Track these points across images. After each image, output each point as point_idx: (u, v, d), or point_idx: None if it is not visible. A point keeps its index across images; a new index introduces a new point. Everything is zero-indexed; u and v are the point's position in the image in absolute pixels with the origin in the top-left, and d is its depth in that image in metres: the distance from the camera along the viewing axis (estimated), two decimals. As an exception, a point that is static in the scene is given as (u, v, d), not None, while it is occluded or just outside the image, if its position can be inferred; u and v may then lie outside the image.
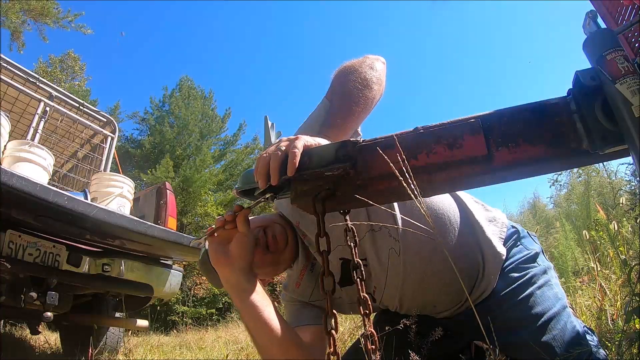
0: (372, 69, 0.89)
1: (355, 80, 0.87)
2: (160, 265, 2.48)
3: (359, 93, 0.85)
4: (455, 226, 0.95)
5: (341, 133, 0.80)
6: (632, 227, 1.57)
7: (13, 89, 2.93)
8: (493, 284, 0.94)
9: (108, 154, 3.54)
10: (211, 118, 15.27)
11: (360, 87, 0.86)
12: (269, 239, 0.98)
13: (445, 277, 0.93)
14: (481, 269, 0.94)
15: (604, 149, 0.50)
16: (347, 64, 0.93)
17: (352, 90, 0.85)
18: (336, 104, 0.87)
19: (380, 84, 0.89)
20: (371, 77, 0.88)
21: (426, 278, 0.94)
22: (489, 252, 0.95)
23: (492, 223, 1.02)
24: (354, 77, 0.88)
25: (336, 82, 0.92)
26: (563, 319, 0.88)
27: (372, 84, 0.87)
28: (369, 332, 0.58)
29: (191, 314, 8.87)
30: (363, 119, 0.88)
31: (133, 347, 3.11)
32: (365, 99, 0.85)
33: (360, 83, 0.86)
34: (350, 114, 0.83)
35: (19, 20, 8.18)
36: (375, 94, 0.88)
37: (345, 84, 0.88)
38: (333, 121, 0.82)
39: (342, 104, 0.85)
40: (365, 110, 0.86)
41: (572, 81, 0.55)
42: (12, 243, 1.77)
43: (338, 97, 0.88)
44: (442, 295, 0.96)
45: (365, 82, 0.87)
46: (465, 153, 0.55)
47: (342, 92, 0.87)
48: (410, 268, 0.93)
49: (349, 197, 0.61)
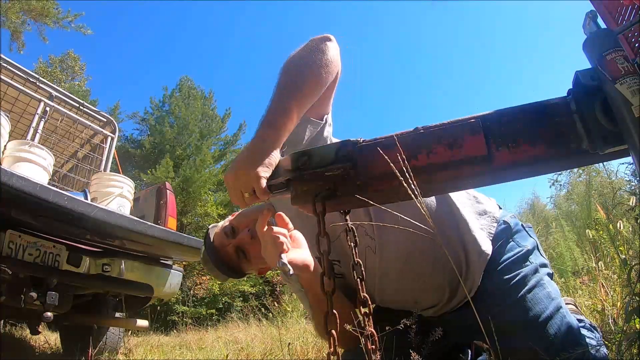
0: (322, 53, 0.84)
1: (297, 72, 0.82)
2: (160, 265, 2.48)
3: (301, 85, 0.80)
4: (435, 223, 0.93)
5: (282, 131, 0.74)
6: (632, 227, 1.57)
7: (13, 89, 2.93)
8: (478, 283, 0.92)
9: (108, 154, 3.53)
10: (211, 118, 15.27)
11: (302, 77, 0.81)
12: None
13: (424, 275, 0.92)
14: (464, 267, 0.92)
15: (604, 149, 0.50)
16: (291, 56, 0.87)
17: (290, 83, 0.80)
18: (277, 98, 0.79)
19: (328, 66, 0.84)
20: (318, 63, 0.83)
21: (404, 275, 0.93)
22: (473, 251, 0.92)
23: (482, 217, 0.99)
24: (296, 68, 0.83)
25: (281, 76, 0.84)
26: (557, 321, 0.86)
27: (319, 68, 0.82)
28: (369, 332, 0.58)
29: (191, 314, 8.87)
30: (308, 104, 0.82)
31: (133, 347, 3.11)
32: (311, 85, 0.81)
33: (302, 73, 0.82)
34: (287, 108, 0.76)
35: (19, 20, 8.18)
36: (322, 79, 0.83)
37: (285, 75, 0.82)
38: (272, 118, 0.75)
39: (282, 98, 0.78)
40: (310, 95, 0.81)
41: (572, 81, 0.55)
42: (12, 243, 1.77)
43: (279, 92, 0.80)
44: (422, 293, 0.95)
45: (310, 70, 0.82)
46: (465, 153, 0.55)
47: (282, 85, 0.81)
48: (387, 265, 0.93)
49: (349, 197, 0.61)
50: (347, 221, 0.65)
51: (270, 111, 0.75)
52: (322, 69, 0.82)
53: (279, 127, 0.72)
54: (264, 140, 0.70)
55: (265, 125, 0.72)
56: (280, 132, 0.71)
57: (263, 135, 0.71)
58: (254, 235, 1.00)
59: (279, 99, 0.77)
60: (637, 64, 0.50)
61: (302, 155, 0.63)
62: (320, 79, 0.82)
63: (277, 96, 0.77)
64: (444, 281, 0.92)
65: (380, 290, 0.97)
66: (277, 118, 0.73)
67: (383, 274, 0.94)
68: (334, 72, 0.86)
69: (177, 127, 14.00)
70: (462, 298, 0.93)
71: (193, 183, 12.25)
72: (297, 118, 0.77)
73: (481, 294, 0.91)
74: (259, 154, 0.68)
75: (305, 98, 0.79)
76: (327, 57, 0.84)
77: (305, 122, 0.90)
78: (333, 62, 0.85)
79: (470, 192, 1.06)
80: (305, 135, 0.92)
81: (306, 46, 0.87)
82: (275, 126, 0.72)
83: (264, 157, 0.67)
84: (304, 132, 0.91)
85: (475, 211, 1.00)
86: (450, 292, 0.94)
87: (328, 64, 0.84)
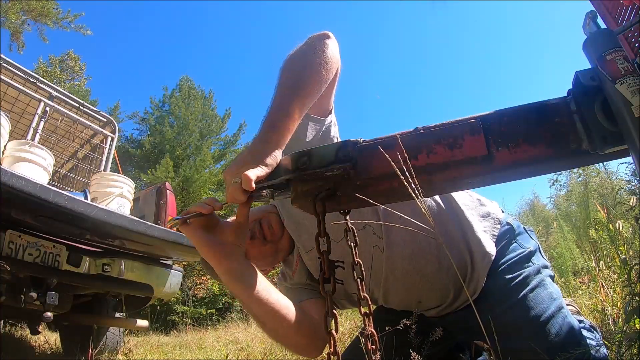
0: (321, 51, 0.83)
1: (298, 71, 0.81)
2: (160, 265, 2.48)
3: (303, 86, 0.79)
4: (440, 224, 0.93)
5: (284, 132, 0.73)
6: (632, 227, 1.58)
7: (13, 89, 2.93)
8: (482, 284, 0.92)
9: (108, 154, 3.53)
10: (211, 118, 15.28)
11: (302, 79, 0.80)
12: (265, 229, 1.00)
13: (429, 275, 0.92)
14: (469, 269, 0.92)
15: (604, 149, 0.50)
16: (291, 54, 0.86)
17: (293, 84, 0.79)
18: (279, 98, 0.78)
19: (327, 64, 0.83)
20: (319, 61, 0.82)
21: (410, 275, 0.93)
22: (477, 252, 0.93)
23: (486, 219, 1.00)
24: (296, 67, 0.82)
25: (281, 75, 0.83)
26: (559, 321, 0.86)
27: (319, 67, 0.82)
28: (369, 332, 0.58)
29: (191, 314, 8.88)
30: (309, 104, 0.81)
31: (133, 347, 3.11)
32: (312, 85, 0.80)
33: (303, 73, 0.80)
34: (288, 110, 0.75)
35: (19, 21, 8.18)
36: (322, 77, 0.82)
37: (285, 76, 0.81)
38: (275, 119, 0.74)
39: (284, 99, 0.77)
40: (312, 94, 0.80)
41: (572, 81, 0.55)
42: (12, 243, 1.77)
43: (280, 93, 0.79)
44: (426, 293, 0.95)
45: (311, 69, 0.81)
46: (466, 153, 0.55)
47: (283, 85, 0.80)
48: (393, 264, 0.93)
49: (349, 197, 0.61)
50: (347, 221, 0.65)
51: (271, 112, 0.74)
52: (323, 67, 0.82)
53: (280, 128, 0.71)
54: (266, 141, 0.69)
55: (267, 126, 0.72)
56: (282, 133, 0.71)
57: (265, 136, 0.70)
58: (253, 236, 1.00)
59: (280, 99, 0.76)
60: (637, 64, 0.50)
61: (302, 155, 0.63)
62: (321, 77, 0.82)
63: (279, 96, 0.77)
64: (449, 282, 0.93)
65: (385, 289, 0.97)
66: (279, 119, 0.72)
67: (389, 272, 0.94)
68: (334, 69, 0.86)
69: (177, 127, 14.01)
70: (465, 299, 0.93)
71: (193, 183, 12.26)
72: (299, 118, 0.76)
73: (484, 294, 0.92)
74: (259, 154, 0.67)
75: (307, 97, 0.78)
76: (326, 54, 0.83)
77: (307, 119, 0.90)
78: (333, 60, 0.85)
79: (473, 194, 1.07)
80: (308, 132, 0.91)
81: (305, 44, 0.86)
82: (277, 127, 0.71)
83: (263, 157, 0.67)
84: (306, 129, 0.91)
85: (478, 213, 1.00)
86: (455, 293, 0.94)
87: (328, 62, 0.83)
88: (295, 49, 0.86)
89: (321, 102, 0.89)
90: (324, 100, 0.91)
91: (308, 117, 0.90)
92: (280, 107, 0.74)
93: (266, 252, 0.99)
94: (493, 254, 0.94)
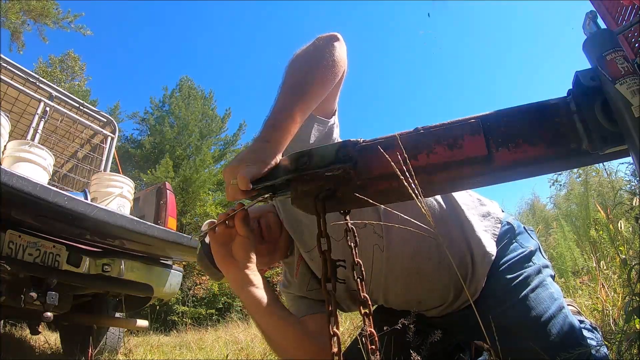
0: (329, 53, 0.83)
1: (305, 70, 0.81)
2: (160, 265, 2.48)
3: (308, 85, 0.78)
4: (441, 224, 0.93)
5: (287, 133, 0.73)
6: (632, 227, 1.58)
7: (13, 89, 2.93)
8: (482, 284, 0.92)
9: (108, 154, 3.53)
10: (211, 118, 15.29)
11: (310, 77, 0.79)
12: (263, 228, 0.99)
13: (429, 275, 0.92)
14: (470, 268, 0.92)
15: (604, 149, 0.50)
16: (298, 54, 0.85)
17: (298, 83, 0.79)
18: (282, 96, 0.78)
19: (334, 67, 0.82)
20: (324, 63, 0.81)
21: (410, 275, 0.93)
22: (478, 252, 0.92)
23: (486, 218, 1.00)
24: (303, 66, 0.82)
25: (286, 74, 0.82)
26: (559, 322, 0.86)
27: (326, 68, 0.81)
28: (368, 332, 0.58)
29: (191, 314, 8.89)
30: (314, 103, 0.81)
31: (133, 347, 3.11)
32: (318, 86, 0.80)
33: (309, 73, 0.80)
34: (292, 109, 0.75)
35: (19, 21, 8.18)
36: (328, 80, 0.82)
37: (291, 75, 0.81)
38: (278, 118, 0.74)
39: (288, 97, 0.78)
40: (316, 97, 0.80)
41: (572, 81, 0.55)
42: (12, 243, 1.77)
43: (285, 92, 0.79)
44: (426, 292, 0.95)
45: (318, 70, 0.80)
46: (466, 153, 0.55)
47: (288, 85, 0.80)
48: (393, 264, 0.93)
49: (349, 197, 0.61)
50: (348, 221, 0.65)
51: (274, 112, 0.74)
52: (329, 70, 0.81)
53: (281, 128, 0.71)
54: (266, 140, 0.69)
55: (268, 126, 0.72)
56: (283, 135, 0.71)
57: (266, 136, 0.70)
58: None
59: (284, 100, 0.76)
60: (637, 64, 0.50)
61: (302, 155, 0.63)
62: (326, 80, 0.81)
63: (282, 97, 0.76)
64: (449, 281, 0.92)
65: (386, 289, 0.97)
66: (281, 119, 0.72)
67: (389, 272, 0.94)
68: (340, 72, 0.85)
69: (177, 127, 14.02)
70: (466, 299, 0.93)
71: (193, 183, 12.27)
72: (301, 120, 0.76)
73: (484, 293, 0.92)
74: (258, 152, 0.67)
75: (311, 100, 0.78)
76: (334, 57, 0.82)
77: (311, 120, 0.89)
78: (340, 62, 0.84)
79: (473, 194, 1.06)
80: (311, 133, 0.90)
81: (313, 45, 0.85)
82: (279, 128, 0.71)
83: (262, 156, 0.67)
84: (309, 130, 0.90)
85: (479, 213, 1.00)
86: (455, 293, 0.94)
87: (335, 65, 0.82)
88: (302, 48, 0.85)
89: (325, 104, 0.89)
90: (328, 102, 0.91)
91: (313, 117, 0.89)
92: (282, 108, 0.74)
93: (263, 251, 0.99)
94: (493, 254, 0.93)
